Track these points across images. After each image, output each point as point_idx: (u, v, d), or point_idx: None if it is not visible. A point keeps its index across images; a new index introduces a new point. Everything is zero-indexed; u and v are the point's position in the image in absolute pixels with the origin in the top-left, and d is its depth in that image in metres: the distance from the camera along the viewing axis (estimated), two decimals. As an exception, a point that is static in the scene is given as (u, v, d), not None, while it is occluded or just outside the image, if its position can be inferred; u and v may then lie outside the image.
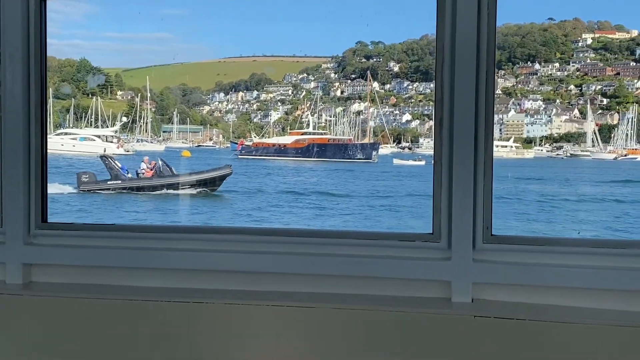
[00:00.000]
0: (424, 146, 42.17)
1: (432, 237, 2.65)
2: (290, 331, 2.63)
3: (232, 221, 21.66)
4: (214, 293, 2.75)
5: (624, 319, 2.42)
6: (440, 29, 2.60)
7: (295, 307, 2.64)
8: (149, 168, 25.43)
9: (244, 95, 45.67)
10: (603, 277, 2.47)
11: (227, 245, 2.83)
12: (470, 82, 2.53)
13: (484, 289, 2.59)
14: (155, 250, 2.84)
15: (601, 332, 2.39)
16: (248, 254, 2.79)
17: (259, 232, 2.92)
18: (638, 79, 42.31)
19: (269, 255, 2.77)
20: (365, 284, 2.70)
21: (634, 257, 2.48)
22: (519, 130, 42.98)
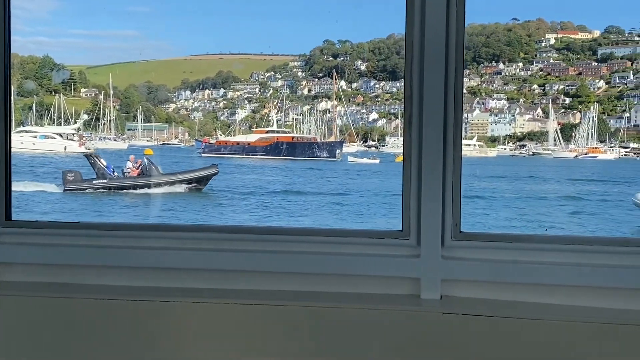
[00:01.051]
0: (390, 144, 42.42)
1: (402, 235, 2.66)
2: (258, 330, 2.62)
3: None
4: (182, 291, 2.72)
5: (593, 315, 2.45)
6: (409, 27, 2.61)
7: (264, 306, 2.62)
8: (135, 167, 25.29)
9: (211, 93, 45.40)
10: (571, 273, 2.51)
11: (195, 243, 2.80)
12: (439, 80, 2.55)
13: (453, 285, 2.60)
14: (121, 248, 2.81)
15: (570, 329, 2.42)
16: (216, 252, 2.77)
17: (227, 230, 2.89)
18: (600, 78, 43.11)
19: (238, 253, 2.75)
20: (334, 282, 2.70)
21: (601, 254, 2.52)
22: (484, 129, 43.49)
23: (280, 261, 2.72)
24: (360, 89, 44.96)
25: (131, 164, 25.36)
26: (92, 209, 22.73)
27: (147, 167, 25.16)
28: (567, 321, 2.43)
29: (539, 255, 2.55)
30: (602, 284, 2.48)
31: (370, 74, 44.43)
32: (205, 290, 2.73)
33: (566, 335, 2.42)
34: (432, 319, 2.50)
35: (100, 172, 24.57)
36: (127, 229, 2.92)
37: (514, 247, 2.59)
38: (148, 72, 44.05)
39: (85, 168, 25.39)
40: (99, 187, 24.39)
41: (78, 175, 24.41)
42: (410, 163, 2.61)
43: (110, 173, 24.93)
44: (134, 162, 25.45)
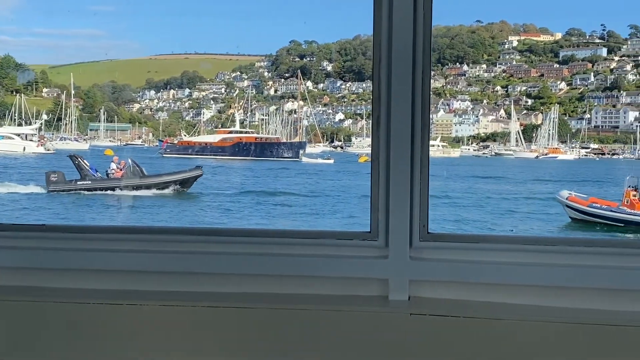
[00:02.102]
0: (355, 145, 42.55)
1: (370, 236, 2.66)
2: (226, 332, 2.60)
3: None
4: (149, 294, 2.69)
5: (557, 315, 2.48)
6: (377, 29, 2.61)
7: (232, 308, 2.61)
8: (118, 168, 25.23)
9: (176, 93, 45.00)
10: (537, 273, 2.54)
11: (162, 245, 2.77)
12: (407, 82, 2.56)
13: (421, 286, 2.62)
14: (88, 251, 2.76)
15: (535, 328, 2.45)
16: (184, 254, 2.74)
17: (194, 232, 2.87)
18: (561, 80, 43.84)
19: (205, 255, 2.73)
20: (302, 283, 2.69)
21: (566, 254, 2.55)
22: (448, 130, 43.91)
23: (249, 263, 2.71)
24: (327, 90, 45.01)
25: (115, 165, 25.32)
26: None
27: (131, 169, 25.15)
28: (533, 321, 2.45)
29: (506, 255, 2.58)
30: (567, 284, 2.52)
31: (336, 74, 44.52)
32: (174, 293, 2.70)
33: (532, 334, 2.45)
34: (399, 320, 2.51)
35: (84, 173, 24.48)
36: (94, 232, 2.88)
37: (480, 247, 2.61)
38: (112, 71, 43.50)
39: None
40: (83, 188, 24.28)
41: (61, 176, 24.28)
42: (378, 164, 2.62)
43: (94, 174, 24.85)
44: (117, 163, 25.42)
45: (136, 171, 25.19)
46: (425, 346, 2.49)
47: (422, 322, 2.49)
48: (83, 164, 24.58)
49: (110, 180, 24.90)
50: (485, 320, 2.47)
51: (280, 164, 34.71)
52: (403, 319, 2.51)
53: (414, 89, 2.57)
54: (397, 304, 2.57)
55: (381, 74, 2.60)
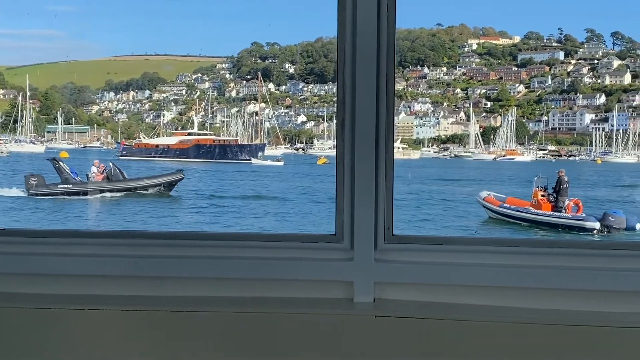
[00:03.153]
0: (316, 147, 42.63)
1: (335, 238, 2.66)
2: (190, 337, 2.57)
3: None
4: (112, 299, 2.65)
5: (522, 316, 2.51)
6: (341, 31, 2.61)
7: (195, 312, 2.58)
8: (99, 172, 25.26)
9: (136, 95, 44.48)
10: (501, 275, 2.56)
11: (125, 249, 2.73)
12: (371, 84, 2.56)
13: (386, 288, 2.62)
14: (49, 255, 2.71)
15: (500, 330, 2.47)
16: (147, 259, 2.70)
17: (157, 236, 2.83)
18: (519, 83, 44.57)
19: (168, 260, 2.69)
20: (267, 287, 2.67)
21: (529, 255, 2.58)
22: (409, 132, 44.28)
23: (213, 267, 2.68)
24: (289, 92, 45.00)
25: (95, 169, 25.37)
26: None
27: (113, 172, 25.23)
28: (498, 322, 2.48)
29: (470, 257, 2.60)
30: (530, 285, 2.55)
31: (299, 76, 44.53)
32: (137, 297, 2.66)
33: (497, 335, 2.47)
34: (364, 322, 2.51)
35: (64, 176, 24.41)
36: (52, 236, 2.82)
37: (445, 249, 2.63)
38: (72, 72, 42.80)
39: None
40: (64, 191, 24.21)
41: (41, 179, 24.19)
42: (343, 167, 2.62)
43: (74, 178, 24.83)
44: (98, 166, 25.46)
45: (117, 174, 25.25)
46: (391, 348, 2.50)
47: (387, 324, 2.50)
48: (63, 167, 24.53)
49: (92, 183, 24.92)
50: (449, 321, 2.49)
51: (233, 166, 34.61)
52: (368, 321, 2.51)
53: (378, 91, 2.57)
54: (362, 306, 2.57)
55: (345, 77, 2.60)
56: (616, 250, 2.55)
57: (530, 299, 2.54)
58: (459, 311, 2.54)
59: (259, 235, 2.81)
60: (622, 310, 2.47)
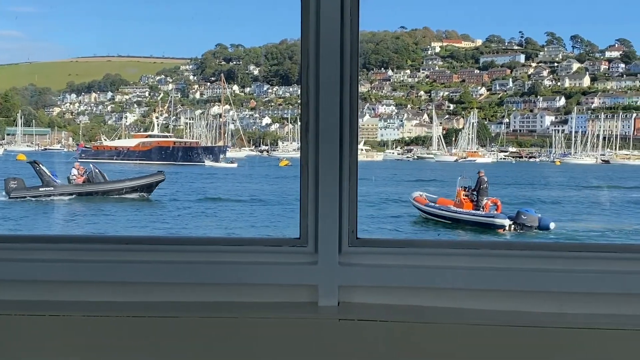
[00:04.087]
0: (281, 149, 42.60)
1: (299, 242, 2.65)
2: (154, 342, 2.54)
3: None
4: (73, 305, 2.61)
5: (485, 318, 2.53)
6: (304, 34, 2.61)
7: (158, 318, 2.55)
8: (79, 174, 25.38)
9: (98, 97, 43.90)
10: (463, 277, 2.58)
11: (86, 254, 2.69)
12: (335, 87, 2.56)
13: (351, 292, 2.62)
14: (7, 261, 2.66)
15: (464, 332, 2.49)
16: (109, 263, 2.66)
17: (119, 241, 2.79)
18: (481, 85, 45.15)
19: (131, 264, 2.66)
20: (231, 291, 2.65)
21: (490, 257, 2.61)
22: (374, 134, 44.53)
23: (174, 271, 2.65)
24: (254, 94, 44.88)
25: (76, 172, 25.48)
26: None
27: (94, 175, 25.35)
28: (461, 324, 2.49)
29: (433, 259, 2.61)
30: (492, 287, 2.57)
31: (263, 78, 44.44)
32: (99, 303, 2.63)
33: (461, 337, 2.49)
34: (328, 326, 2.51)
35: (45, 179, 24.33)
36: (12, 241, 2.76)
37: (408, 252, 2.64)
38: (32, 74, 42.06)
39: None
40: (45, 194, 24.23)
41: (21, 182, 24.13)
42: (307, 170, 2.61)
43: (55, 180, 24.78)
44: (78, 169, 25.60)
45: (98, 177, 25.36)
46: (355, 351, 2.50)
47: (351, 327, 2.50)
48: (44, 170, 24.44)
49: (73, 186, 25.01)
50: (414, 324, 2.50)
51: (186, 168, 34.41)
52: (332, 325, 2.50)
53: (342, 94, 2.57)
54: (326, 309, 2.57)
55: (309, 80, 2.60)
56: (573, 252, 2.59)
57: (493, 301, 2.56)
58: (424, 314, 2.55)
59: (223, 240, 2.79)
60: (577, 312, 2.51)
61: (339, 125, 2.57)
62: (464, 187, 22.56)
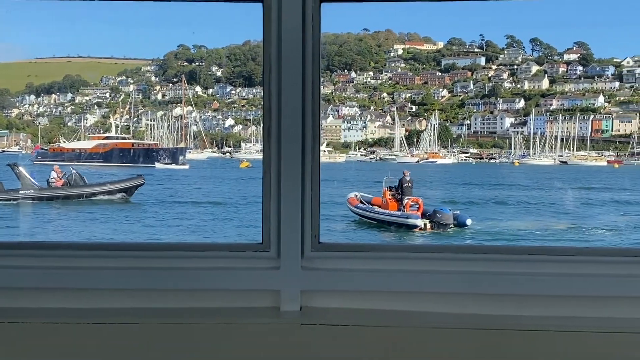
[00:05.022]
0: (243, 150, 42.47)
1: (262, 247, 2.64)
2: (115, 349, 2.51)
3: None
4: (33, 312, 2.57)
5: (446, 321, 2.55)
6: (266, 39, 2.60)
7: (120, 324, 2.52)
8: (59, 177, 25.36)
9: (58, 98, 43.19)
10: (424, 280, 2.60)
11: (46, 261, 2.65)
12: (297, 91, 2.56)
13: (313, 296, 2.62)
14: None
15: (426, 335, 2.51)
16: (70, 270, 2.63)
17: (80, 247, 2.75)
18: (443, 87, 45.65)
19: (93, 271, 2.63)
20: (193, 298, 2.64)
21: (453, 261, 2.64)
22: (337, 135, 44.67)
23: (136, 277, 2.63)
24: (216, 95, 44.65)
25: (56, 175, 25.46)
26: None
27: (73, 178, 25.39)
28: (423, 327, 2.52)
29: (395, 264, 2.63)
30: (454, 290, 2.60)
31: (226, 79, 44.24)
32: (60, 309, 2.60)
33: (423, 341, 2.51)
34: (290, 331, 2.51)
35: (25, 182, 24.27)
36: None
37: (370, 256, 2.65)
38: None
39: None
40: (26, 197, 24.16)
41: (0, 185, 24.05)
42: (269, 175, 2.61)
43: (35, 183, 24.73)
44: (58, 172, 25.59)
45: (77, 180, 25.42)
46: (317, 356, 2.50)
47: (313, 332, 2.50)
48: (23, 173, 24.39)
49: (53, 189, 25.03)
50: (375, 328, 2.51)
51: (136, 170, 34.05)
52: (294, 330, 2.51)
53: (304, 99, 2.58)
54: (288, 314, 2.57)
55: (271, 85, 2.59)
56: (534, 255, 2.63)
57: (454, 304, 2.59)
58: (385, 318, 2.56)
59: (184, 245, 2.77)
60: (535, 314, 2.55)
61: (301, 130, 2.57)
62: (390, 187, 22.99)
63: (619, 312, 2.52)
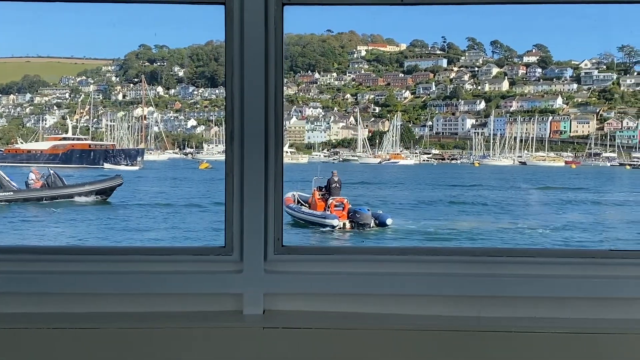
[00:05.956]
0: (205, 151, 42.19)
1: (224, 250, 2.63)
2: (74, 355, 2.47)
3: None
4: None
5: (409, 322, 2.56)
6: (229, 41, 2.59)
7: (79, 329, 2.49)
8: (37, 179, 25.18)
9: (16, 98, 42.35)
10: (387, 283, 2.62)
11: (8, 265, 2.60)
12: (260, 93, 2.55)
13: (276, 299, 2.62)
14: None
15: (388, 337, 2.52)
16: (26, 274, 2.59)
17: (41, 251, 2.70)
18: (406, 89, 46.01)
19: (54, 275, 2.60)
20: (155, 302, 2.61)
21: (414, 263, 2.65)
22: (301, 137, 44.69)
23: (98, 282, 2.60)
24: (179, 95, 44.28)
25: (34, 176, 25.34)
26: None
27: (52, 179, 25.14)
28: (385, 329, 2.53)
29: (358, 266, 2.64)
30: (415, 292, 2.62)
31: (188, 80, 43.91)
32: (21, 314, 2.56)
33: (386, 343, 2.52)
34: (253, 335, 2.50)
35: (3, 183, 24.05)
36: None
37: (333, 259, 2.65)
38: (-58, 75, 40.20)
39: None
40: (4, 199, 23.89)
41: None
42: (232, 178, 2.59)
43: (14, 185, 24.57)
44: (36, 173, 25.47)
45: (56, 181, 25.16)
46: (279, 359, 2.50)
47: (276, 335, 2.49)
48: (1, 175, 24.21)
49: (32, 190, 24.84)
50: (338, 330, 2.52)
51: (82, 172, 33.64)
52: (256, 333, 2.50)
53: (267, 102, 2.57)
54: (251, 318, 2.56)
55: (234, 87, 2.58)
56: (494, 257, 2.66)
57: (416, 306, 2.61)
58: (348, 320, 2.57)
59: (147, 249, 2.74)
60: (494, 315, 2.58)
61: (264, 133, 2.57)
62: (319, 188, 23.30)
63: (577, 313, 2.57)
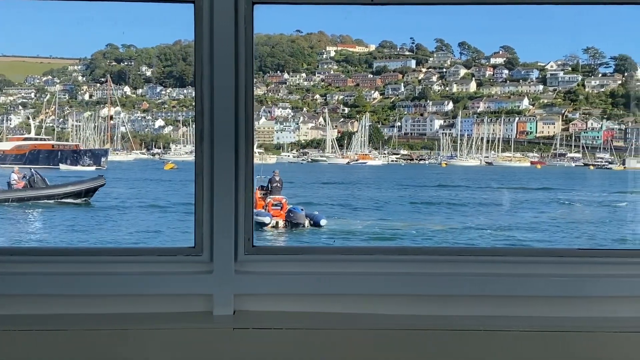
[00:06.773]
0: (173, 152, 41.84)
1: (194, 251, 2.62)
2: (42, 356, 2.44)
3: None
4: None
5: (380, 322, 2.58)
6: (198, 40, 2.58)
7: (46, 331, 2.46)
8: (19, 179, 24.92)
9: (-22, 98, 41.52)
10: (356, 282, 2.63)
11: None
12: (230, 93, 2.55)
13: (247, 300, 2.61)
14: None
15: (359, 337, 2.53)
16: None
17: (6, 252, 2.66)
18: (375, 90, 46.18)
19: (21, 276, 2.57)
20: (124, 303, 2.59)
21: (383, 263, 2.67)
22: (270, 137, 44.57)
23: (65, 283, 2.57)
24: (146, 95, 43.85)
25: (16, 176, 25.07)
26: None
27: (35, 179, 24.80)
28: (354, 329, 2.54)
29: (328, 266, 2.65)
30: (385, 291, 2.63)
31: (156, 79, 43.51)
32: None
33: (357, 343, 2.53)
34: (223, 336, 2.49)
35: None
36: None
37: (304, 259, 2.66)
38: None
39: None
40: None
41: None
42: (202, 178, 2.58)
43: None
44: (18, 174, 25.19)
45: (39, 182, 24.86)
46: None
47: (246, 336, 2.49)
48: None
49: (14, 191, 24.59)
50: (308, 331, 2.52)
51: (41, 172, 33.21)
52: (226, 334, 2.49)
53: (237, 102, 2.56)
54: (221, 319, 2.55)
55: (204, 87, 2.57)
56: (458, 256, 2.69)
57: (384, 305, 2.62)
58: (318, 321, 2.57)
59: (115, 250, 2.72)
60: (461, 314, 2.61)
61: (235, 133, 2.56)
62: (261, 187, 23.33)
63: (541, 312, 2.60)
